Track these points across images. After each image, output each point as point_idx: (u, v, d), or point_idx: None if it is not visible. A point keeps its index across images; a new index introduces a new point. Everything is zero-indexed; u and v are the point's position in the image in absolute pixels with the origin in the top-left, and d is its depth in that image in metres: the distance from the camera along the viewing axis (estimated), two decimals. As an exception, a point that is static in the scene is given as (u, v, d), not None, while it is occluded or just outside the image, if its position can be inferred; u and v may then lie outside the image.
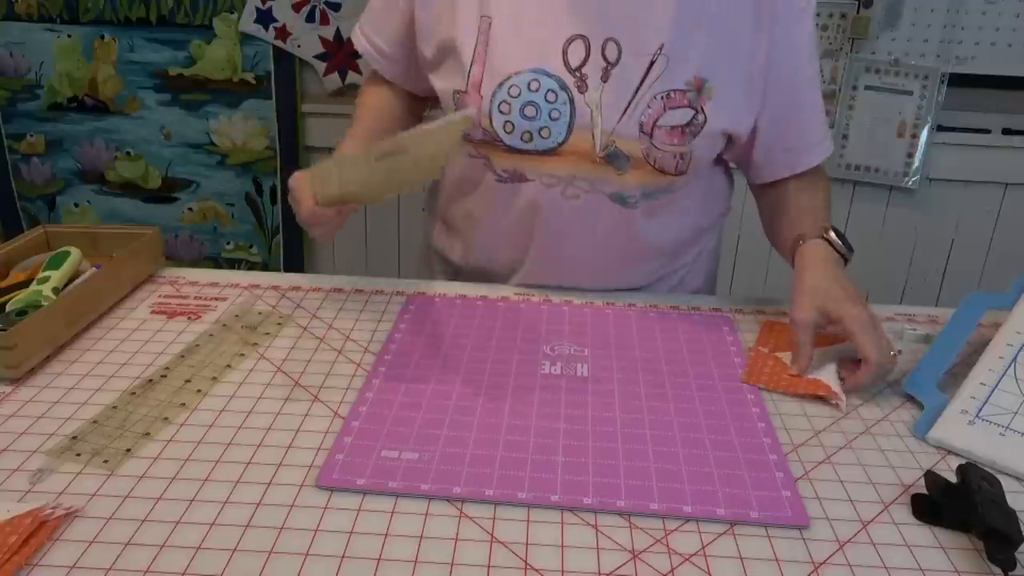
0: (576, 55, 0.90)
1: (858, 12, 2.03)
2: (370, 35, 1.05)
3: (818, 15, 2.05)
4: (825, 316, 0.83)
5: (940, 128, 2.09)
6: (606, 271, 1.02)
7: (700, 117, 0.91)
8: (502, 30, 0.90)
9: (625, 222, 0.97)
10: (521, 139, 0.92)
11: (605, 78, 0.90)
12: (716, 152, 0.98)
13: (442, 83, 0.96)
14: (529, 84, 0.90)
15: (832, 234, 0.92)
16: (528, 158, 0.93)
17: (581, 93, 0.90)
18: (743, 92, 0.93)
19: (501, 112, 0.91)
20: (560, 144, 0.92)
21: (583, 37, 0.89)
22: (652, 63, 0.89)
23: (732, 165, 1.08)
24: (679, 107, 0.90)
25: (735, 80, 0.92)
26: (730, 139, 0.97)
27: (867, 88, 2.10)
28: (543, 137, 0.91)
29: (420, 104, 1.11)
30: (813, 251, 0.91)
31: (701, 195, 1.04)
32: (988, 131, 2.11)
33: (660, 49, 0.89)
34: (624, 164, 0.92)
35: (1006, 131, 2.11)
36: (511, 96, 0.90)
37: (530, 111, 0.90)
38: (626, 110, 0.90)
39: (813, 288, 0.86)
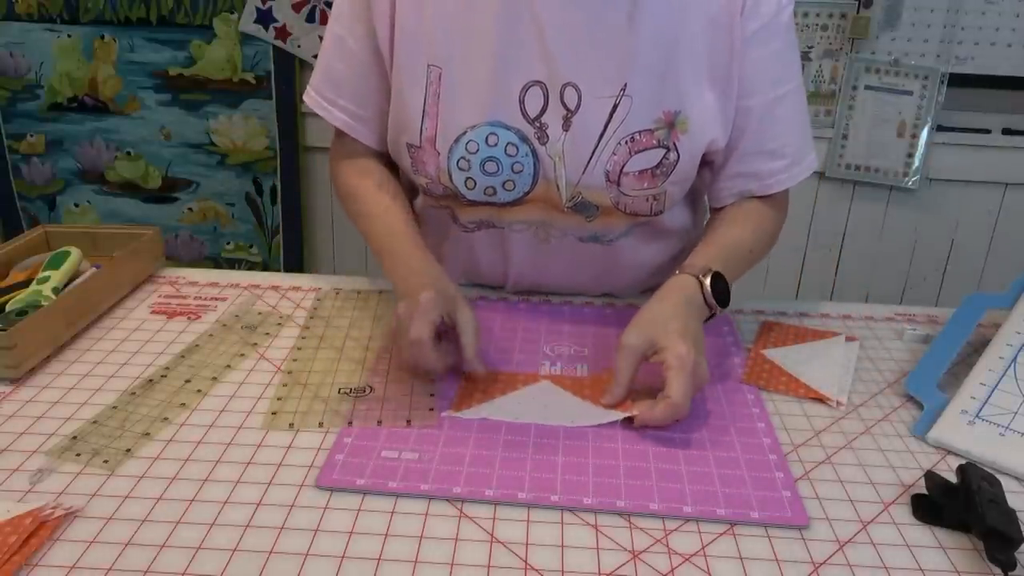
0: (534, 103, 0.84)
1: (858, 12, 2.03)
2: (337, 100, 0.92)
3: (818, 15, 2.05)
4: (652, 345, 0.74)
5: (940, 128, 2.10)
6: (591, 289, 1.02)
7: (671, 156, 0.86)
8: (454, 80, 0.84)
9: (603, 255, 0.96)
10: (484, 194, 0.88)
11: (566, 127, 0.84)
12: (693, 179, 0.91)
13: (392, 133, 0.90)
14: (487, 138, 0.85)
15: (708, 279, 0.81)
16: (494, 210, 0.90)
17: (542, 144, 0.85)
18: (720, 114, 0.87)
19: (460, 169, 0.86)
20: (526, 194, 0.88)
21: (540, 83, 0.84)
22: (615, 106, 0.84)
23: None
24: (646, 149, 0.85)
25: (713, 104, 0.86)
26: (709, 162, 0.91)
27: (867, 88, 2.10)
28: (507, 190, 0.87)
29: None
30: (678, 284, 0.82)
31: (682, 212, 0.99)
32: (988, 131, 2.11)
33: (623, 90, 0.84)
34: (594, 212, 0.89)
35: (1006, 131, 2.11)
36: (469, 152, 0.85)
37: (491, 167, 0.86)
38: (589, 161, 0.85)
39: (651, 319, 0.77)
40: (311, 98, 0.94)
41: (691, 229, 1.03)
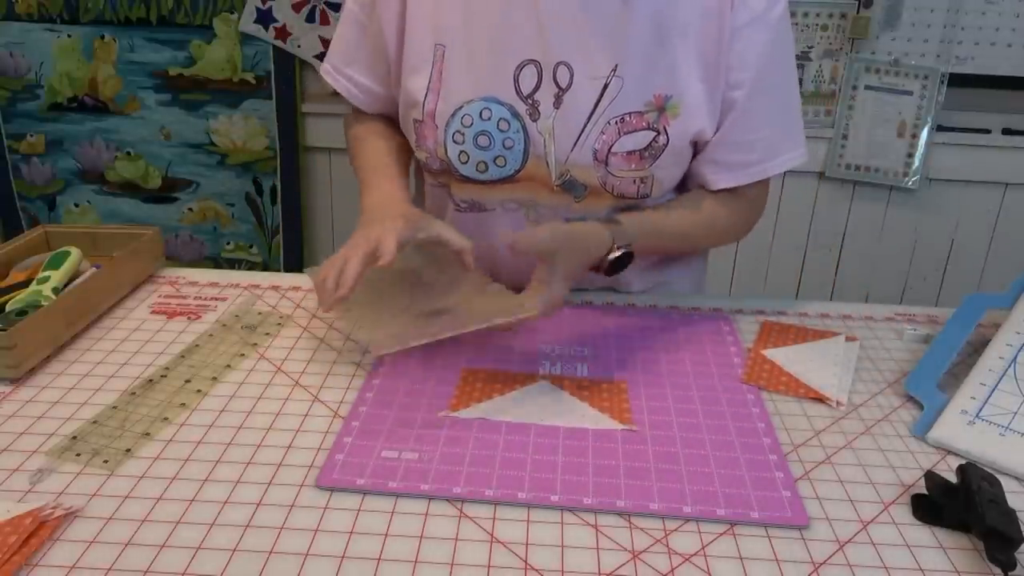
0: (528, 81, 0.87)
1: (858, 12, 2.03)
2: (343, 69, 0.98)
3: (818, 15, 2.05)
4: (548, 261, 0.79)
5: (940, 128, 2.09)
6: (588, 282, 1.02)
7: (661, 139, 0.87)
8: (455, 58, 0.88)
9: None
10: (476, 169, 0.90)
11: (557, 104, 0.87)
12: (685, 167, 0.93)
13: (401, 111, 0.95)
14: (481, 113, 0.87)
15: (615, 251, 0.85)
16: (486, 188, 0.92)
17: (533, 121, 0.88)
18: (708, 103, 0.89)
19: (455, 142, 0.89)
20: (517, 171, 0.90)
21: (535, 62, 0.87)
22: (606, 86, 0.86)
23: None
24: (635, 130, 0.87)
25: (702, 92, 0.88)
26: (695, 151, 0.92)
27: (867, 88, 2.10)
28: (498, 166, 0.90)
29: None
30: (595, 235, 0.85)
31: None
32: (988, 131, 2.11)
33: (614, 71, 0.86)
34: (581, 192, 0.91)
35: (1006, 131, 2.11)
36: (464, 126, 0.88)
37: (483, 141, 0.88)
38: (578, 138, 0.87)
39: (562, 244, 0.80)
40: (325, 70, 1.01)
41: None
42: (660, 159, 0.89)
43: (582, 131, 0.87)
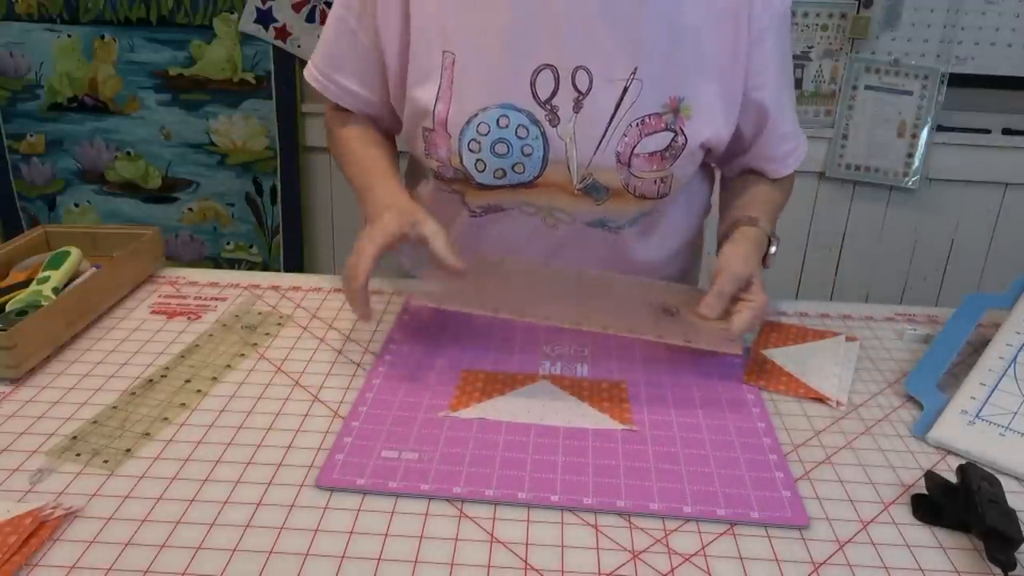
0: (545, 87, 0.86)
1: (858, 12, 2.03)
2: (333, 76, 0.95)
3: (818, 15, 2.05)
4: (745, 285, 0.83)
5: (940, 128, 2.10)
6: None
7: (679, 139, 0.88)
8: (467, 65, 0.87)
9: (610, 245, 0.97)
10: (494, 176, 0.89)
11: (577, 109, 0.86)
12: (697, 166, 0.95)
13: (409, 121, 0.93)
14: (498, 120, 0.86)
15: (775, 249, 0.93)
16: (503, 192, 0.92)
17: (553, 126, 0.87)
18: (723, 104, 0.90)
19: (471, 151, 0.88)
20: (536, 177, 0.90)
21: (551, 67, 0.86)
22: (626, 89, 0.86)
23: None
24: (656, 132, 0.88)
25: (714, 94, 0.89)
26: (708, 150, 0.94)
27: (867, 88, 2.10)
28: (517, 172, 0.89)
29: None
30: (757, 240, 0.90)
31: (685, 204, 1.02)
32: (988, 131, 2.11)
33: (633, 73, 0.86)
34: (603, 195, 0.91)
35: (1006, 131, 2.11)
36: (480, 134, 0.87)
37: (501, 148, 0.87)
38: (601, 141, 0.87)
39: (746, 258, 0.85)
40: (309, 72, 0.98)
41: (696, 234, 1.05)
42: (679, 159, 0.90)
43: (604, 134, 0.87)
